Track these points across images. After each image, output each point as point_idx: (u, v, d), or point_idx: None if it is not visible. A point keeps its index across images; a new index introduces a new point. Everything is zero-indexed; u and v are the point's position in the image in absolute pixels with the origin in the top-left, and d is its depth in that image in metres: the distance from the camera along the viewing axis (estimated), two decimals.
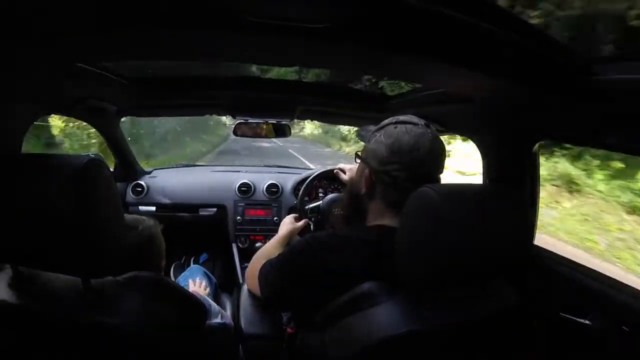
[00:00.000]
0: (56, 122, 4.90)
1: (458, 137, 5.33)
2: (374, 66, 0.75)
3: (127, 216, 0.90)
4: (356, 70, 0.91)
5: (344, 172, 1.19)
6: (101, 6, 0.49)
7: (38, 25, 0.52)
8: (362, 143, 0.80)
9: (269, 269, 0.76)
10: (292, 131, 1.66)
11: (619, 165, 5.18)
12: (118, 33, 0.56)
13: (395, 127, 0.71)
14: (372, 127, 0.78)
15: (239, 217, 1.77)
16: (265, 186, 1.82)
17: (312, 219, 1.30)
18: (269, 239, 1.73)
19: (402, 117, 0.73)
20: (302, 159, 9.81)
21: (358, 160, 0.80)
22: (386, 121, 0.74)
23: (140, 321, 0.61)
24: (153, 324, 0.62)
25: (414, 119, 0.73)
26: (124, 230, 0.63)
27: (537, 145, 0.95)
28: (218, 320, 0.92)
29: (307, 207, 1.25)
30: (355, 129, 1.39)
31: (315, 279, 0.67)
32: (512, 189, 0.78)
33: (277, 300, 0.77)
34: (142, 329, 0.60)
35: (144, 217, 0.88)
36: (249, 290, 0.90)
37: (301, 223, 1.14)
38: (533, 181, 0.99)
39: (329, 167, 1.49)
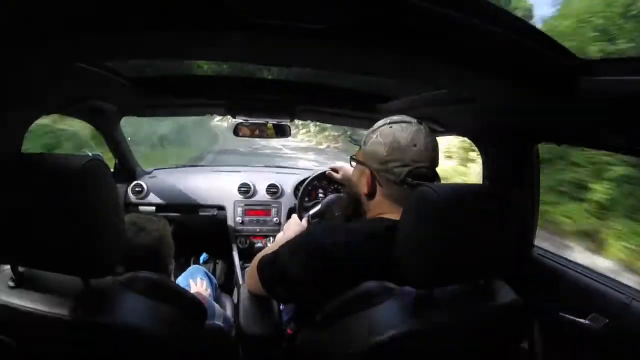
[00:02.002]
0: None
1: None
2: (374, 67, 0.75)
3: (139, 216, 0.90)
4: (356, 71, 0.91)
5: (337, 172, 1.20)
6: (101, 6, 0.49)
7: (38, 25, 0.52)
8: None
9: (271, 261, 0.76)
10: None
11: None
12: (118, 33, 0.56)
13: (391, 127, 0.73)
14: (365, 132, 0.79)
15: (239, 218, 1.77)
16: (266, 187, 1.82)
17: (312, 219, 1.30)
18: (269, 240, 1.75)
19: (395, 117, 0.75)
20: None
21: (354, 164, 0.80)
22: (380, 123, 0.76)
23: (140, 321, 0.61)
24: (153, 324, 0.62)
25: (406, 117, 0.75)
26: (124, 230, 0.63)
27: (537, 146, 0.95)
28: (219, 322, 0.91)
29: (309, 213, 1.25)
30: None
31: (320, 267, 0.67)
32: (512, 189, 0.78)
33: (279, 292, 0.77)
34: (141, 329, 0.60)
35: (155, 218, 0.88)
36: (250, 291, 0.90)
37: (304, 221, 1.14)
38: (533, 181, 0.99)
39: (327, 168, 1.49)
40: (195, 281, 1.30)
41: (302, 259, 0.69)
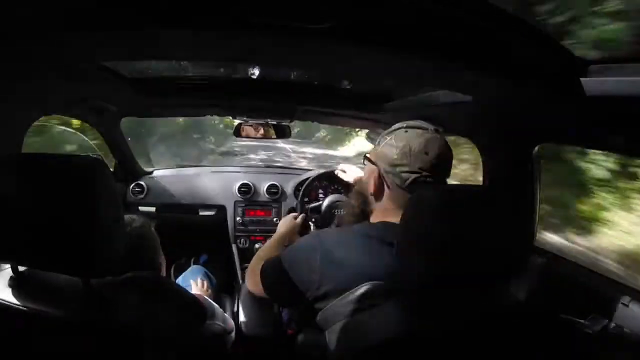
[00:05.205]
0: None
1: None
2: (376, 67, 0.75)
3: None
4: (357, 71, 0.91)
5: (345, 173, 1.21)
6: (101, 6, 0.49)
7: (38, 24, 0.52)
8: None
9: (274, 264, 0.76)
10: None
11: None
12: (118, 33, 0.56)
13: (406, 132, 0.73)
14: (382, 131, 0.80)
15: (239, 218, 1.77)
16: (266, 187, 1.82)
17: (313, 220, 1.30)
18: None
19: (412, 122, 0.75)
20: None
21: (366, 162, 0.81)
22: (397, 125, 0.76)
23: (140, 321, 0.61)
24: (152, 323, 0.62)
25: (424, 124, 0.75)
26: (124, 230, 0.63)
27: (537, 147, 0.95)
28: (219, 322, 0.91)
29: (308, 206, 1.25)
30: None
31: (321, 272, 0.67)
32: (512, 190, 0.78)
33: (281, 295, 0.77)
34: (141, 329, 0.60)
35: (133, 216, 0.87)
36: (250, 291, 0.90)
37: (299, 219, 1.14)
38: (533, 183, 0.99)
39: (328, 168, 1.49)
40: (197, 282, 1.30)
41: (304, 263, 0.69)
